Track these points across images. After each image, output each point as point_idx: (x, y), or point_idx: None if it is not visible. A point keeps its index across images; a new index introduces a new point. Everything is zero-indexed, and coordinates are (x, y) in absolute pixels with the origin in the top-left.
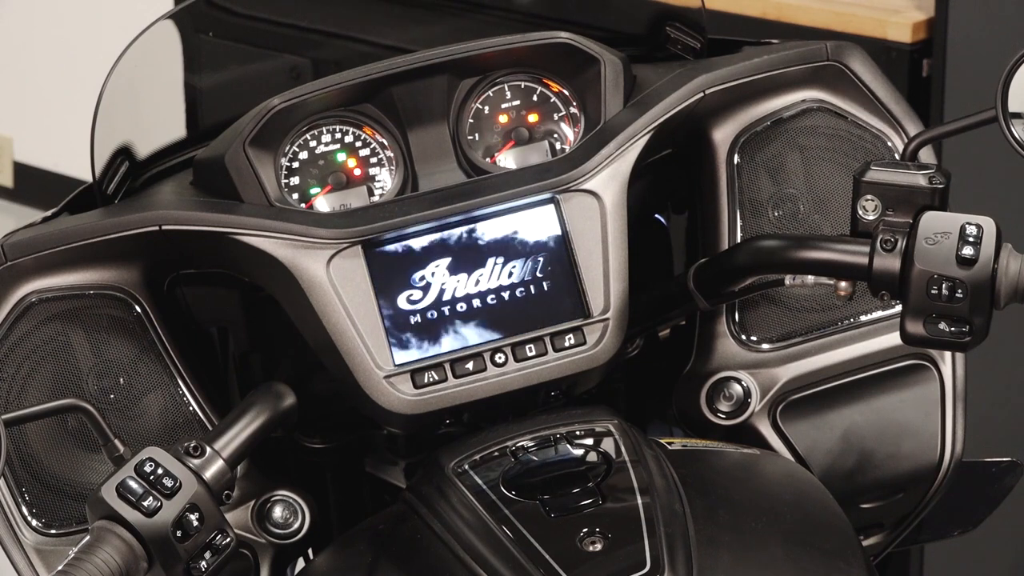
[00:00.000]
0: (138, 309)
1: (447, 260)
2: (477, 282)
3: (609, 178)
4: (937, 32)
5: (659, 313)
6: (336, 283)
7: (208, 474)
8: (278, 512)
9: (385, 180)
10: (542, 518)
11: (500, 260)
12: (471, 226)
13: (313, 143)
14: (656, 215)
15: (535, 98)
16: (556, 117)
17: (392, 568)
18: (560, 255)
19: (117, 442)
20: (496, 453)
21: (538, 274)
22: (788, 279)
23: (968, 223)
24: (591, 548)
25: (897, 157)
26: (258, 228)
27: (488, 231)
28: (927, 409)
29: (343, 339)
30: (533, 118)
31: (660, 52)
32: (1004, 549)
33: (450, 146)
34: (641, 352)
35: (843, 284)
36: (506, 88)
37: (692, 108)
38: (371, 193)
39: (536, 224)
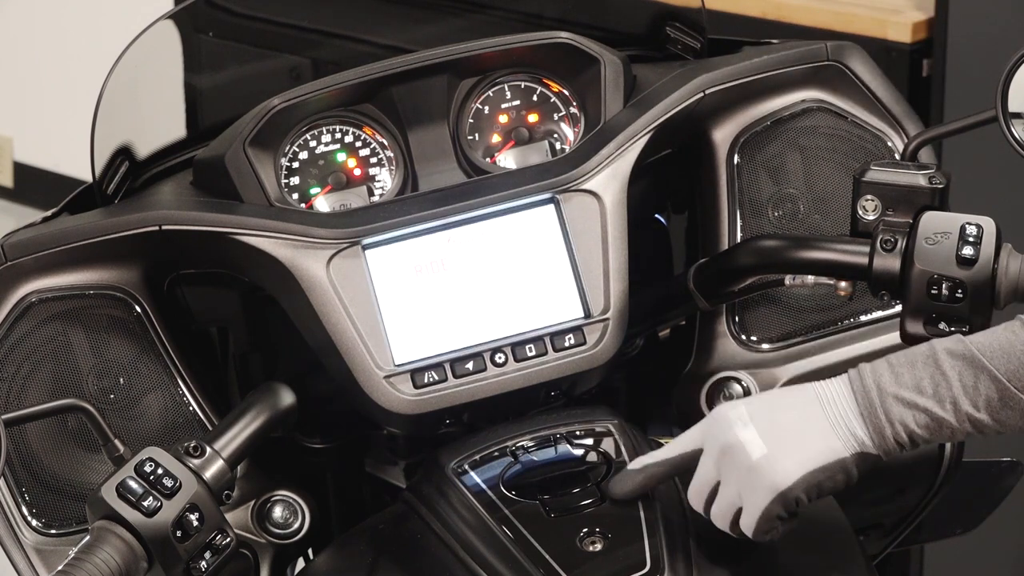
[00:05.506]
0: (138, 309)
1: (447, 260)
2: (477, 282)
3: (609, 178)
4: (937, 32)
5: (659, 313)
6: (336, 283)
7: (208, 474)
8: (278, 512)
9: (385, 180)
10: (542, 518)
11: (500, 260)
12: (471, 226)
13: (313, 143)
14: (656, 215)
15: (535, 98)
16: (556, 117)
17: (392, 568)
18: (560, 255)
19: (117, 442)
20: (496, 453)
21: (538, 274)
22: (788, 279)
23: (968, 223)
24: (591, 548)
25: (897, 157)
26: (258, 228)
27: (488, 231)
28: None
29: (343, 339)
30: (533, 118)
31: (660, 52)
32: (1004, 549)
33: (450, 146)
34: (641, 352)
35: (843, 284)
36: (506, 88)
37: (692, 108)
38: (371, 193)
39: (536, 224)
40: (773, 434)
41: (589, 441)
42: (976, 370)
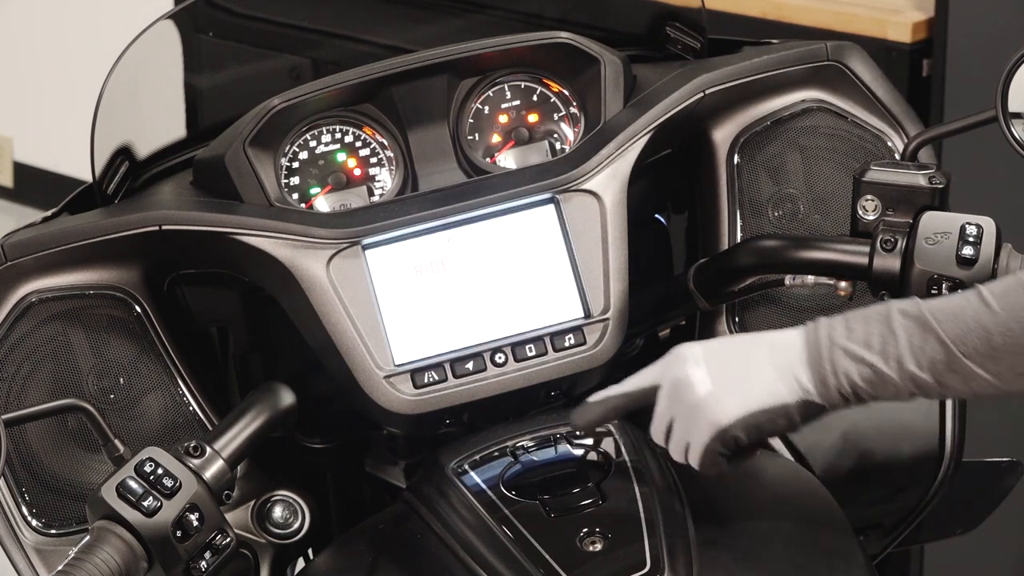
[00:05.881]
0: (138, 309)
1: (447, 260)
2: (477, 282)
3: (609, 178)
4: (937, 32)
5: (659, 313)
6: (336, 283)
7: (208, 474)
8: (278, 512)
9: (385, 180)
10: (542, 518)
11: (500, 260)
12: (471, 226)
13: (313, 143)
14: (656, 215)
15: (535, 98)
16: (556, 117)
17: (392, 568)
18: (560, 255)
19: (117, 442)
20: (496, 453)
21: (538, 274)
22: (788, 279)
23: (968, 223)
24: (591, 548)
25: (897, 157)
26: (258, 228)
27: (488, 231)
28: (927, 409)
29: (343, 339)
30: (533, 118)
31: (660, 52)
32: (1004, 549)
33: (450, 146)
34: (641, 352)
35: (843, 284)
36: (506, 88)
37: (692, 108)
38: (371, 193)
39: (536, 224)
40: (721, 374)
41: (589, 441)
42: (924, 331)
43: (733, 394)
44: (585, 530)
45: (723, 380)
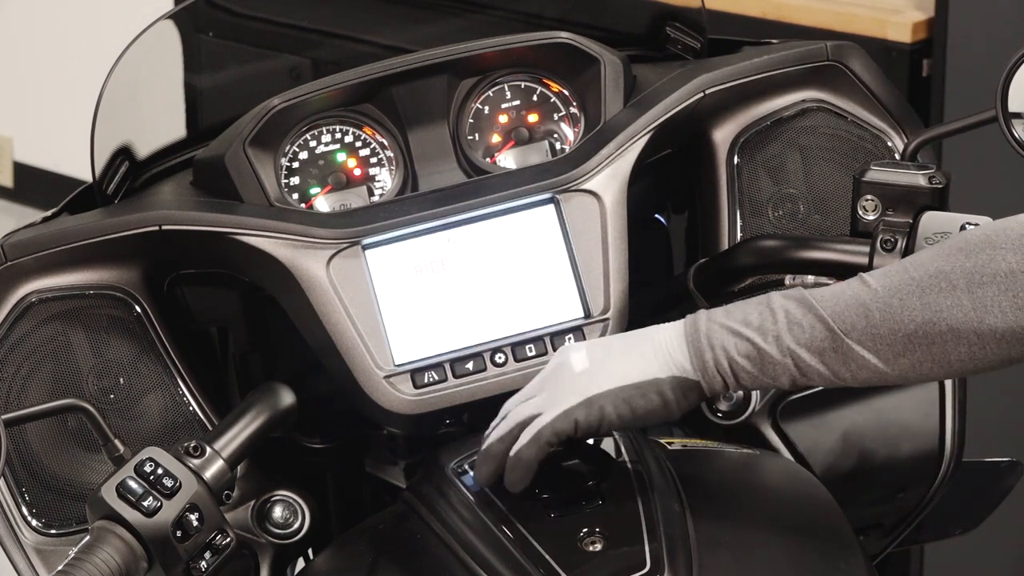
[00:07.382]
0: (138, 309)
1: (447, 260)
2: (477, 282)
3: (609, 178)
4: (937, 32)
5: (659, 313)
6: (336, 283)
7: (208, 474)
8: (278, 512)
9: (385, 180)
10: (542, 518)
11: (500, 260)
12: (471, 226)
13: (313, 143)
14: (656, 215)
15: (535, 98)
16: (556, 117)
17: (392, 568)
18: (560, 255)
19: (117, 442)
20: None
21: (538, 274)
22: (788, 279)
23: (968, 223)
24: (591, 548)
25: (897, 157)
26: (258, 228)
27: (488, 231)
28: (927, 409)
29: (343, 339)
30: (533, 118)
31: (660, 52)
32: (1004, 549)
33: (450, 146)
34: None
35: None
36: (506, 88)
37: (692, 108)
38: (371, 193)
39: (536, 224)
40: (599, 357)
41: (589, 441)
42: (804, 309)
43: (607, 370)
44: (585, 530)
45: (600, 361)
